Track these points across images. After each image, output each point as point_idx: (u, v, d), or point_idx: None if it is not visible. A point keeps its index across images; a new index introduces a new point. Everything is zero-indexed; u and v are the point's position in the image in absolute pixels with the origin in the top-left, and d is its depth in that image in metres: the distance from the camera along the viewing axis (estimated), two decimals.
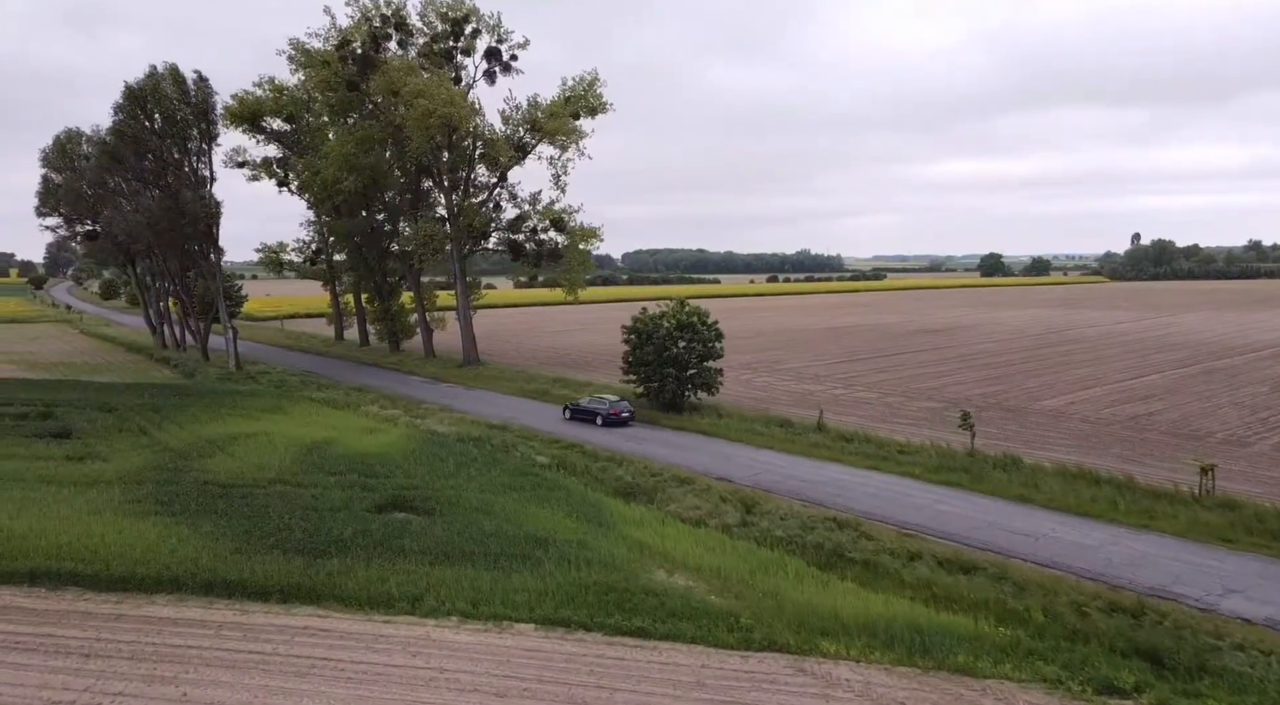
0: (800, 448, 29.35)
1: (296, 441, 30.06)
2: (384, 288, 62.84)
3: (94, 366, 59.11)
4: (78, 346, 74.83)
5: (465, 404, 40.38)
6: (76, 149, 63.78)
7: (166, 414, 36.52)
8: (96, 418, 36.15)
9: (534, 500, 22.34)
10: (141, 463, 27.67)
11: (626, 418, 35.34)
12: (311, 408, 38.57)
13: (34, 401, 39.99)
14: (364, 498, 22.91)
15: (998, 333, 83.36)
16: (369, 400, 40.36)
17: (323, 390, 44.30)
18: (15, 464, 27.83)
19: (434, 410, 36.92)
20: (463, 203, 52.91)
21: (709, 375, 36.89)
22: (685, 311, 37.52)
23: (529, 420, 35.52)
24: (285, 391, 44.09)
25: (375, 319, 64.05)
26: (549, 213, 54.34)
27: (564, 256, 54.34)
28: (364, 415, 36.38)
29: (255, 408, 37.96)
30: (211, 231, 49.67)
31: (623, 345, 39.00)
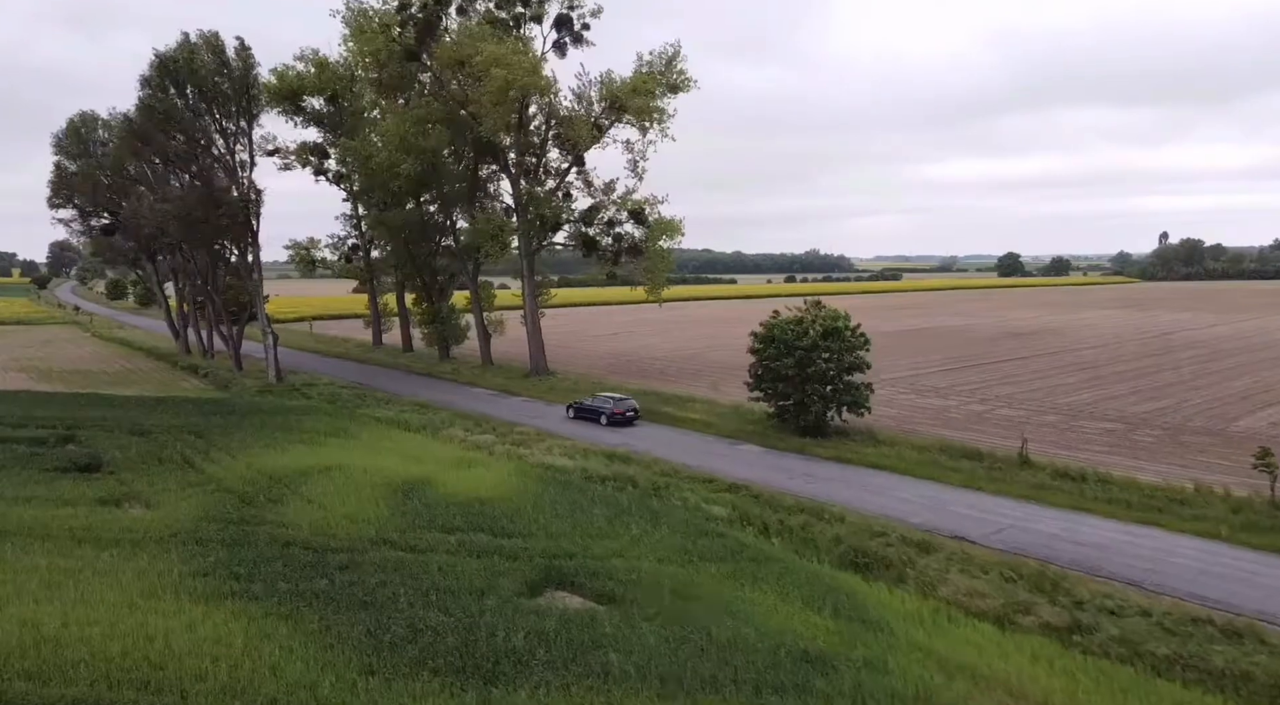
0: (1019, 489, 23.56)
1: (383, 479, 24.55)
2: (433, 288, 57.38)
3: (113, 376, 53.98)
4: (92, 352, 69.83)
5: (553, 425, 34.75)
6: (92, 134, 58.66)
7: (212, 439, 31.13)
8: (128, 443, 30.77)
9: (744, 578, 16.64)
10: (196, 509, 22.22)
11: (632, 417, 35.29)
12: (381, 430, 33.10)
13: (52, 421, 34.67)
14: (507, 570, 17.29)
15: (1089, 336, 77.12)
16: (445, 420, 34.85)
17: (385, 407, 38.84)
18: (37, 511, 22.41)
19: (530, 434, 31.34)
20: (531, 191, 47.34)
21: (858, 392, 31.16)
22: (827, 315, 31.82)
23: (650, 447, 29.88)
24: (342, 408, 38.63)
25: (422, 322, 58.62)
26: (628, 203, 48.68)
27: (644, 253, 48.68)
28: (449, 441, 30.83)
29: (315, 430, 32.52)
30: (250, 223, 44.38)
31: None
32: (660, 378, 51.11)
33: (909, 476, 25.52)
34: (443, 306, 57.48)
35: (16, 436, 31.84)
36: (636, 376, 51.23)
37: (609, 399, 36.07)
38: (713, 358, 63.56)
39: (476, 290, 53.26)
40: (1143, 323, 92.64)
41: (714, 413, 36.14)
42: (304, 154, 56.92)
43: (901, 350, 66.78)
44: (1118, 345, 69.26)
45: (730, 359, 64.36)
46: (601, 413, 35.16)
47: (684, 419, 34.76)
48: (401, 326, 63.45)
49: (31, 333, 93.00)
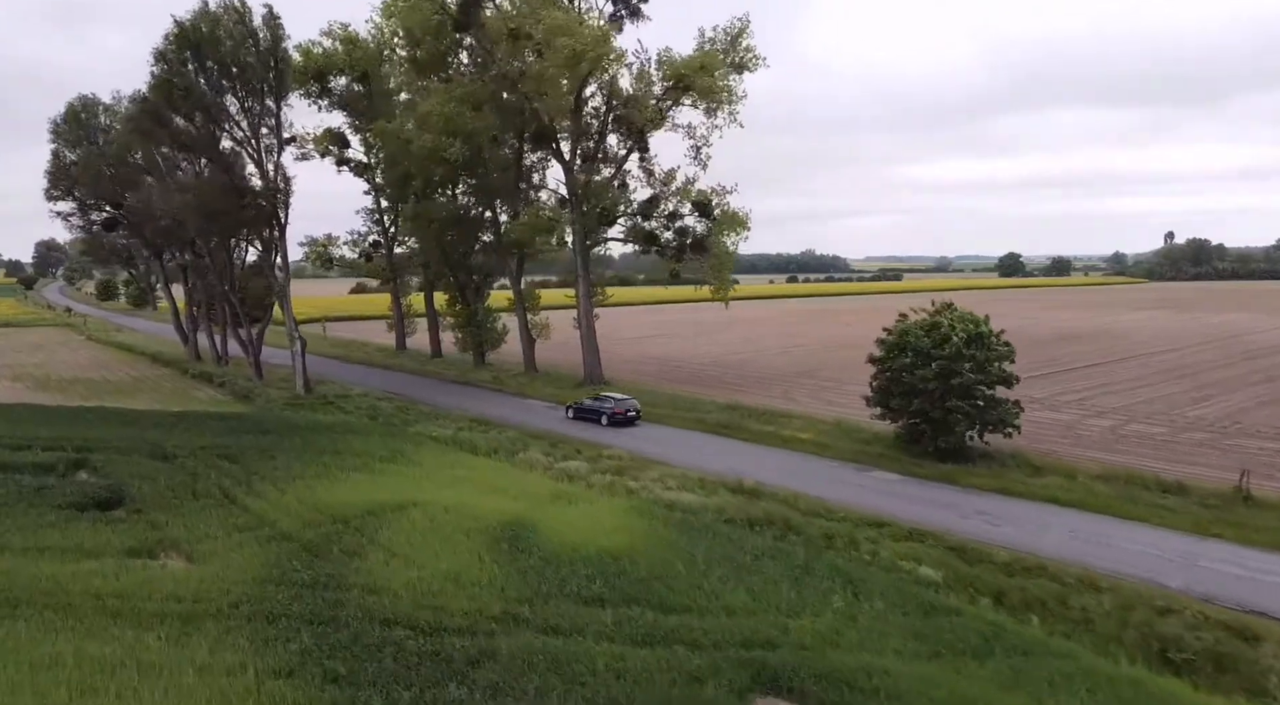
0: (1267, 538, 19.37)
1: (474, 520, 20.27)
2: (468, 287, 53.01)
3: (118, 385, 49.46)
4: (91, 357, 65.20)
5: (646, 446, 30.45)
6: (93, 120, 54.11)
7: (250, 464, 26.76)
8: (151, 470, 26.36)
9: (1031, 684, 12.40)
10: (253, 564, 17.92)
11: (633, 417, 35.18)
12: (445, 454, 28.76)
13: (59, 442, 30.20)
14: (696, 668, 13.00)
15: (1151, 339, 73.26)
16: (513, 440, 30.55)
17: (437, 423, 34.53)
18: (53, 566, 18.07)
19: (625, 459, 27.02)
20: (589, 180, 43.06)
21: (1004, 409, 26.98)
22: (964, 318, 27.67)
23: (771, 476, 25.58)
24: (388, 425, 34.27)
25: (456, 325, 54.24)
26: (691, 193, 44.45)
27: (709, 249, 44.49)
28: (530, 468, 26.50)
29: (368, 454, 28.17)
30: (277, 215, 39.94)
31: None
32: (726, 386, 46.88)
33: (1111, 517, 21.32)
34: (479, 308, 53.11)
35: (20, 462, 27.40)
36: (698, 385, 47.02)
37: (610, 399, 36.07)
38: (767, 363, 59.49)
39: (520, 290, 48.91)
40: (1195, 324, 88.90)
41: (820, 430, 31.94)
42: (326, 141, 52.56)
43: None
44: (1193, 349, 65.39)
45: (784, 363, 60.37)
46: (602, 413, 35.18)
47: (791, 439, 30.53)
48: (430, 329, 59.04)
49: (21, 335, 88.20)
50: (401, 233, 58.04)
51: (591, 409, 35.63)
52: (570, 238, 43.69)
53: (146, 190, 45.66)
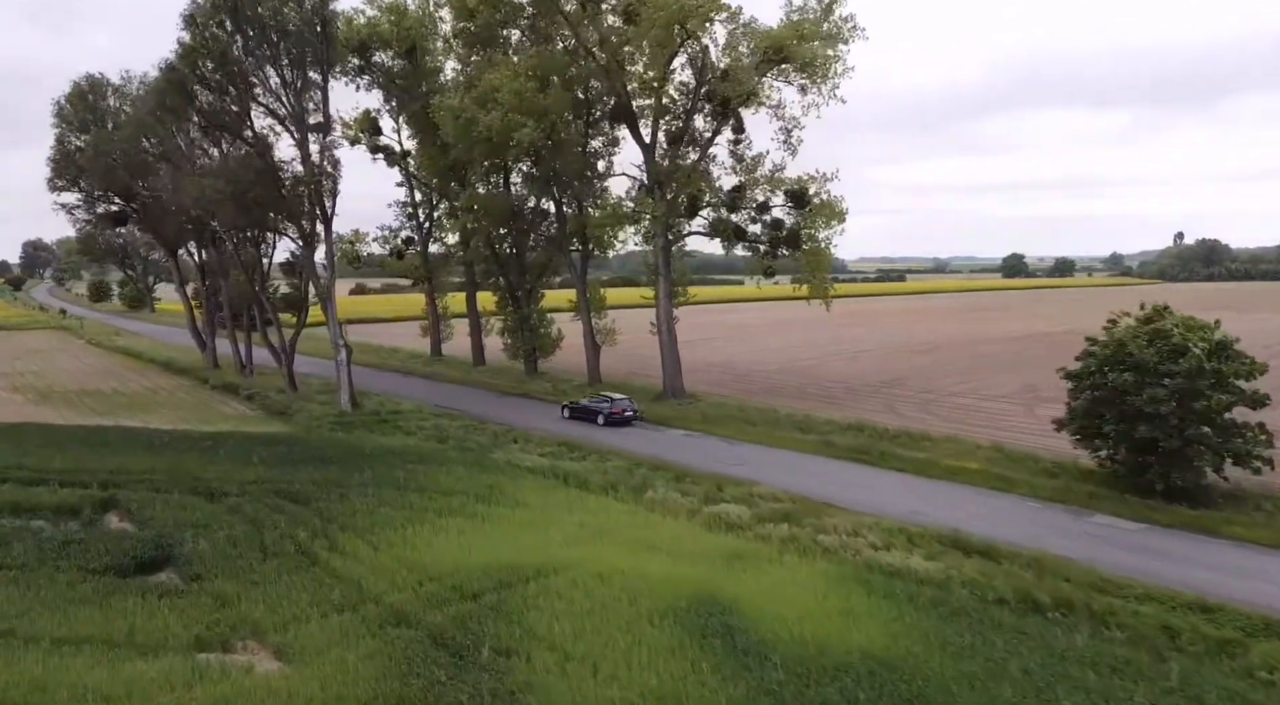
0: None
1: (647, 596, 15.56)
2: (519, 288, 48.23)
3: (133, 398, 44.61)
4: (95, 364, 60.35)
5: (782, 475, 25.65)
6: (102, 102, 49.28)
7: (320, 506, 22.01)
8: (199, 513, 21.61)
9: None
10: (368, 669, 13.22)
11: (630, 417, 35.05)
12: (550, 489, 23.97)
13: (79, 474, 25.48)
14: None
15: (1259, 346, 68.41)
16: (625, 471, 25.77)
17: (520, 447, 29.75)
18: (96, 670, 13.43)
19: (787, 501, 22.13)
20: (675, 165, 38.33)
21: (1253, 438, 22.27)
22: (1197, 326, 22.99)
23: (970, 523, 20.83)
24: (463, 450, 29.46)
25: (507, 329, 49.45)
26: (782, 181, 39.70)
27: (802, 243, 39.79)
28: (670, 511, 21.67)
29: (459, 491, 23.41)
30: (323, 204, 35.12)
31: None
32: (816, 399, 42.23)
33: None
34: (531, 311, 48.33)
35: (36, 503, 22.69)
36: (786, 397, 42.37)
37: (607, 399, 35.76)
38: (839, 370, 54.88)
39: (585, 290, 44.15)
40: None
41: (983, 458, 27.22)
42: (364, 125, 47.74)
43: (1050, 363, 58.00)
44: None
45: (858, 370, 55.67)
46: (599, 412, 35.08)
47: (956, 470, 25.78)
48: (473, 335, 54.20)
49: (15, 340, 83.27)
50: (448, 228, 53.18)
51: (588, 409, 35.61)
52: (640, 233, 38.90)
53: (165, 179, 40.84)
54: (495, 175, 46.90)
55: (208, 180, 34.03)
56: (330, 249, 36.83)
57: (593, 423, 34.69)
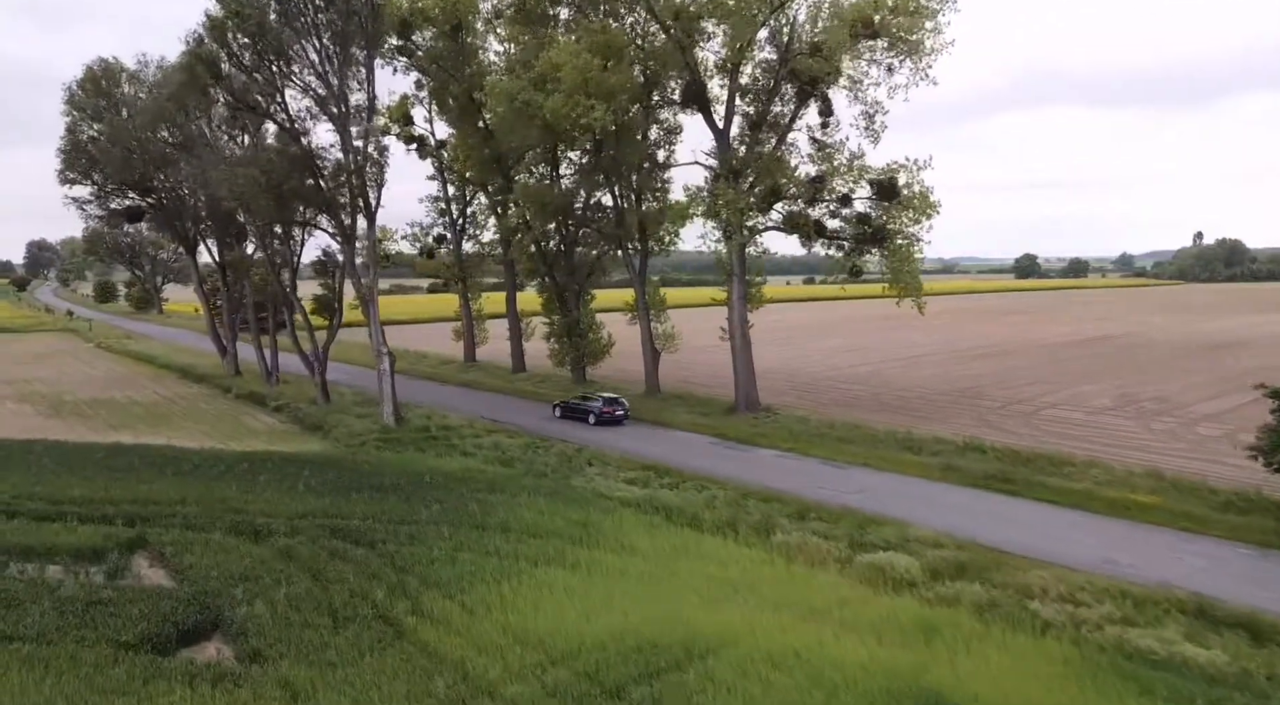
0: None
1: (846, 689, 12.09)
2: (568, 288, 44.79)
3: (150, 409, 41.32)
4: (107, 371, 57.16)
5: (920, 509, 22.08)
6: (116, 88, 46.06)
7: (390, 551, 18.60)
8: (245, 561, 18.19)
9: None
10: None
11: (621, 416, 35.32)
12: (653, 528, 20.44)
13: (99, 505, 22.14)
14: None
15: None
16: (732, 503, 22.26)
17: (597, 471, 26.27)
18: None
19: (945, 545, 18.65)
20: (756, 151, 34.80)
21: None
22: None
23: (1197, 580, 17.27)
24: (536, 474, 25.98)
25: (553, 334, 46.02)
26: (863, 170, 36.11)
27: (889, 240, 36.21)
28: (809, 558, 18.11)
29: (546, 530, 19.96)
30: (367, 195, 31.71)
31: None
32: (901, 411, 38.80)
33: None
34: (580, 314, 44.89)
35: (51, 544, 19.28)
36: (866, 410, 38.88)
37: (600, 398, 36.18)
38: (908, 378, 51.37)
39: (644, 291, 40.65)
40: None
41: (1148, 488, 23.59)
42: (399, 113, 44.35)
43: (1128, 370, 54.41)
44: None
45: (930, 379, 52.13)
46: (590, 412, 35.50)
47: (1128, 505, 22.15)
48: (513, 339, 50.74)
49: (21, 343, 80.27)
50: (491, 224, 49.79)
51: (579, 408, 36.06)
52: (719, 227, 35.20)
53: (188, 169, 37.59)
54: (544, 166, 43.51)
55: (240, 169, 30.69)
56: (373, 246, 33.42)
57: (584, 422, 35.16)
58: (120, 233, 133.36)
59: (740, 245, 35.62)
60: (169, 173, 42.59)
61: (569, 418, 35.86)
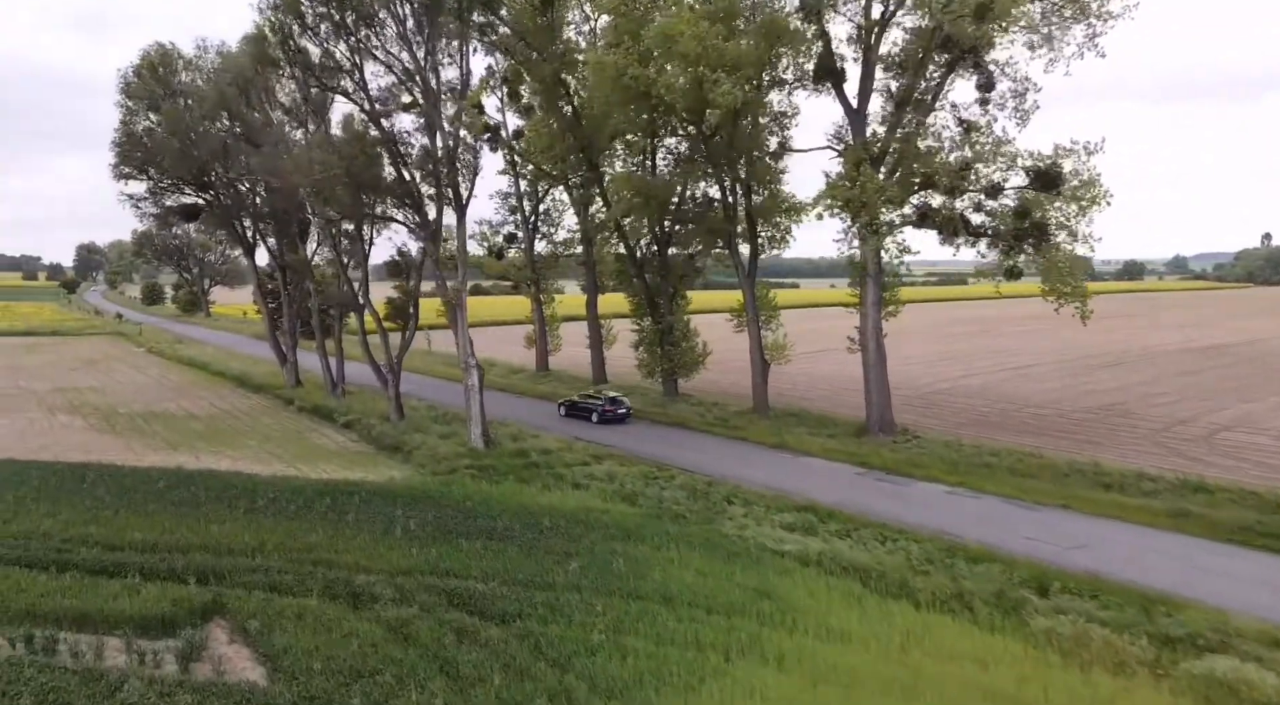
0: None
1: None
2: (661, 292, 40.70)
3: (208, 423, 38.24)
4: (159, 378, 54.70)
5: (1196, 579, 17.44)
6: (173, 77, 43.31)
7: (530, 628, 14.61)
8: (355, 648, 14.33)
9: None
10: None
11: (624, 415, 36.23)
12: (846, 596, 16.23)
13: (163, 552, 18.63)
14: None
15: None
16: (918, 555, 17.93)
17: (744, 512, 22.07)
18: None
19: (1265, 635, 14.09)
20: (894, 133, 30.30)
21: None
22: None
23: None
24: (670, 515, 21.91)
25: (643, 343, 42.00)
26: (1014, 156, 31.33)
27: (1050, 236, 31.44)
28: (1109, 664, 13.71)
29: (724, 602, 15.84)
30: (458, 187, 27.99)
31: None
32: (1041, 432, 33.91)
33: None
34: (673, 321, 40.79)
35: (110, 611, 15.72)
36: (990, 427, 34.24)
37: (602, 396, 37.30)
38: (1026, 391, 46.53)
39: (754, 296, 36.34)
40: None
41: None
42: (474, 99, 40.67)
43: (1269, 384, 48.41)
44: None
45: (1046, 392, 46.95)
46: (593, 411, 36.44)
47: None
48: (593, 348, 46.84)
49: (71, 347, 78.91)
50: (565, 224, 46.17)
51: (584, 407, 37.06)
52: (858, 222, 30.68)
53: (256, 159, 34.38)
54: (638, 155, 39.53)
55: (319, 153, 27.24)
56: (463, 243, 29.69)
57: (586, 420, 36.14)
58: (169, 235, 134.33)
59: (879, 242, 31.11)
60: (229, 165, 39.60)
61: (573, 416, 37.03)
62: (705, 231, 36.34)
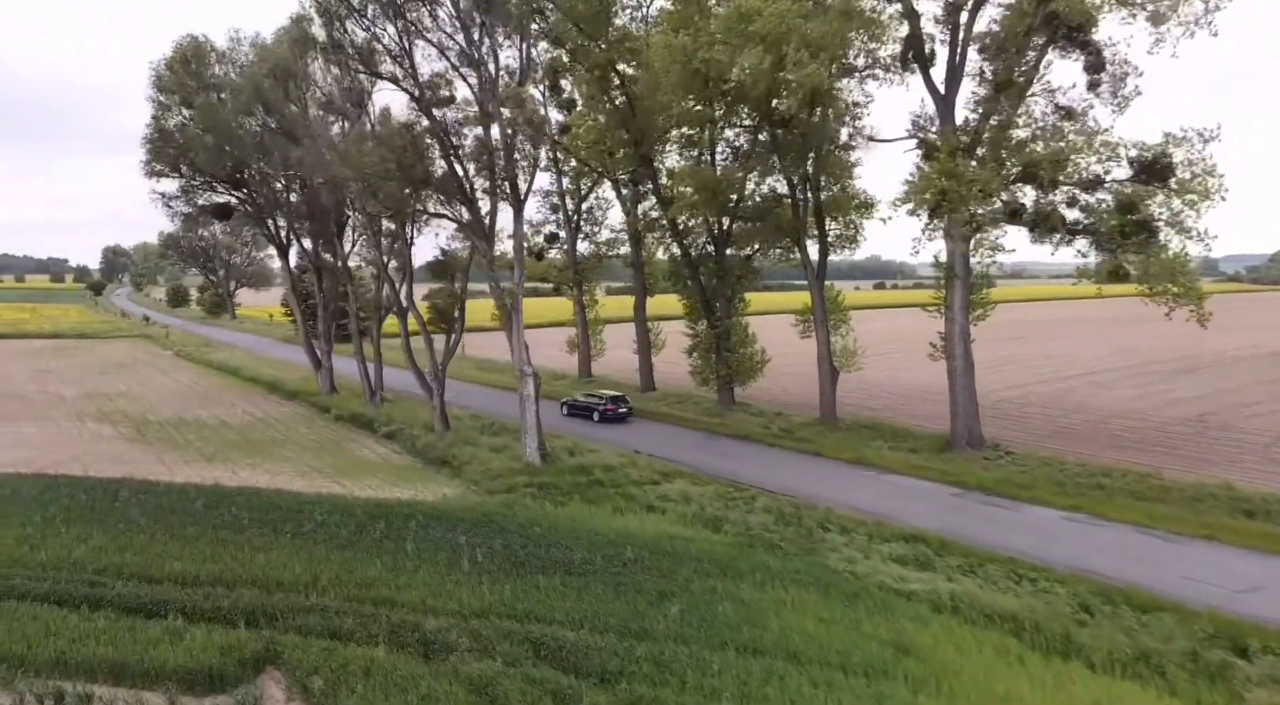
0: None
1: None
2: (718, 294, 38.43)
3: (243, 431, 36.47)
4: (190, 384, 53.25)
5: None
6: (206, 70, 41.73)
7: (633, 693, 12.33)
8: None
9: None
10: None
11: (624, 414, 36.71)
12: (995, 651, 13.88)
13: (206, 588, 16.66)
14: None
15: None
16: (1063, 600, 15.54)
17: (845, 540, 19.75)
18: None
19: None
20: (986, 121, 27.85)
21: None
22: None
23: None
24: (762, 542, 19.64)
25: (698, 348, 39.73)
26: (1119, 146, 28.71)
27: (1157, 234, 28.78)
28: None
29: (859, 659, 13.52)
30: (515, 182, 25.86)
31: None
32: (1137, 447, 31.16)
33: None
34: (731, 325, 38.50)
35: (151, 662, 13.72)
36: (1077, 440, 31.49)
37: (603, 395, 37.70)
38: (1103, 401, 43.45)
39: (823, 299, 33.96)
40: None
41: None
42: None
43: None
44: None
45: (1126, 401, 43.85)
46: (594, 410, 36.96)
47: None
48: (640, 354, 44.60)
49: (98, 350, 78.03)
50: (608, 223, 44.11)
51: (585, 406, 37.58)
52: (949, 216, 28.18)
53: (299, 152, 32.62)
54: (692, 150, 37.35)
55: (370, 145, 25.30)
56: (519, 241, 27.59)
57: (588, 419, 36.70)
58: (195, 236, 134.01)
59: (967, 240, 28.65)
60: (266, 161, 37.89)
61: (575, 416, 37.47)
62: (773, 229, 33.97)
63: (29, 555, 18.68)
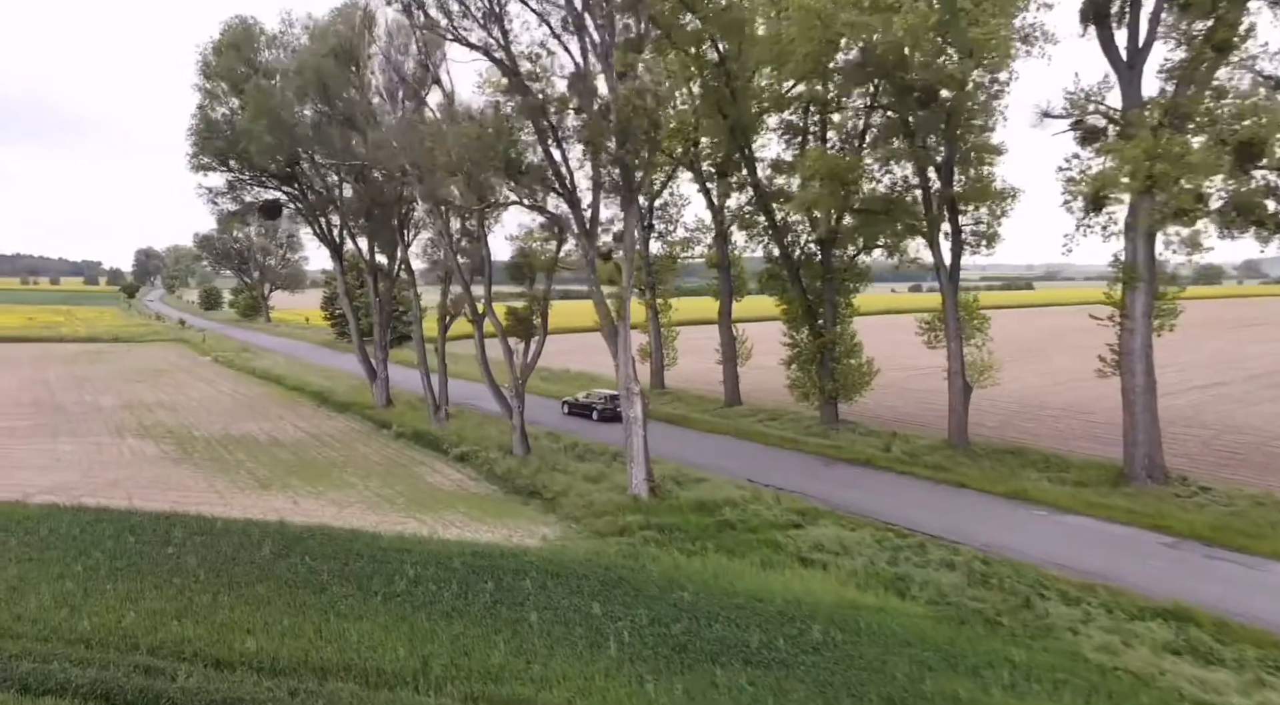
0: None
1: None
2: (824, 298, 34.44)
3: (297, 450, 33.18)
4: (232, 393, 50.35)
5: None
6: (254, 56, 38.68)
7: None
8: None
9: None
10: None
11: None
12: None
13: (287, 678, 12.98)
14: None
15: None
16: None
17: (1065, 610, 15.78)
18: None
19: None
20: (1182, 92, 23.63)
21: None
22: None
23: None
24: (979, 617, 15.74)
25: (798, 359, 35.76)
26: None
27: None
28: None
29: None
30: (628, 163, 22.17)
31: None
32: None
33: None
34: (837, 333, 34.50)
35: None
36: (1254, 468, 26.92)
37: (602, 395, 38.54)
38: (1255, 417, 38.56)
39: (956, 304, 29.82)
40: None
41: None
42: None
43: None
44: None
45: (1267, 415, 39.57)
46: (593, 409, 38.01)
47: None
48: (726, 364, 40.68)
49: (134, 355, 75.86)
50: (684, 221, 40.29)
51: (584, 405, 38.65)
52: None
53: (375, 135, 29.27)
54: (795, 136, 33.44)
55: (464, 127, 21.77)
56: (630, 237, 23.88)
57: (588, 418, 37.70)
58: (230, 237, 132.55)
59: (1152, 235, 24.39)
60: (328, 152, 34.66)
61: (575, 415, 38.71)
62: (906, 223, 29.87)
63: (69, 622, 15.28)
